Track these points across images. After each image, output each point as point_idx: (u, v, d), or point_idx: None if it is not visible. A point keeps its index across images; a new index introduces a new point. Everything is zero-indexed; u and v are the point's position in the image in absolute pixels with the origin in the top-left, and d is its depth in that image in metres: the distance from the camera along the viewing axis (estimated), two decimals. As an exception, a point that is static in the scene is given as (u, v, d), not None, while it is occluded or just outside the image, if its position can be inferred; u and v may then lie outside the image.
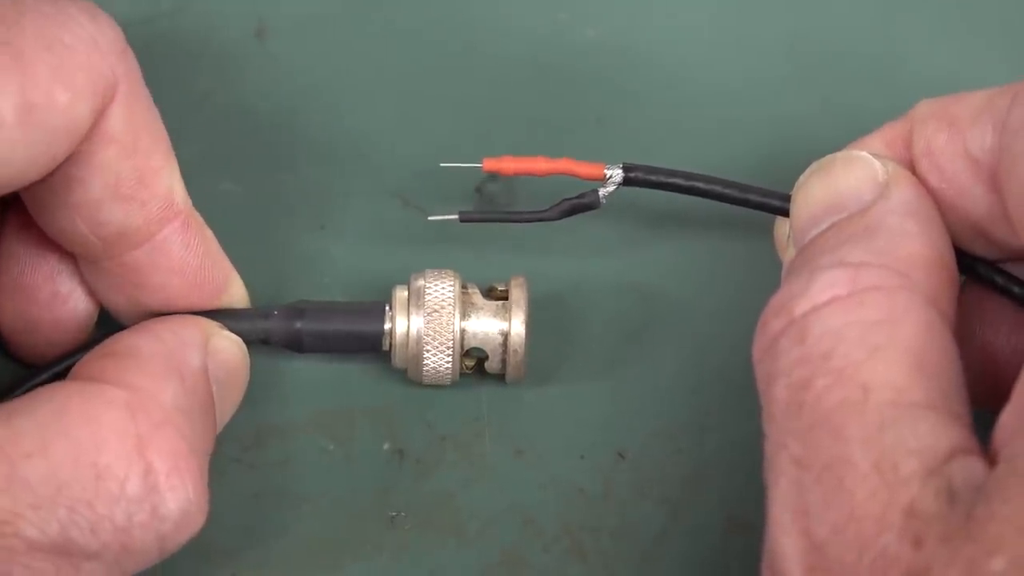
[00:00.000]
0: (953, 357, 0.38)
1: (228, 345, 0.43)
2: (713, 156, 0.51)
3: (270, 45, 0.53)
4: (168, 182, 0.42)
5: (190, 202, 0.43)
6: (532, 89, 0.52)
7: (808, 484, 0.36)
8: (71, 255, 0.44)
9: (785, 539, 0.37)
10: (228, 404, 0.43)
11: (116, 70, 0.40)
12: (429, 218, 0.47)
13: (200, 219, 0.44)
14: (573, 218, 0.46)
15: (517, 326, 0.46)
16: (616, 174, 0.46)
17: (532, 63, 0.53)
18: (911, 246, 0.40)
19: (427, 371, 0.46)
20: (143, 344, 0.41)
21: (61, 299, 0.45)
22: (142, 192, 0.42)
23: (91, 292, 0.45)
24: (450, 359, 0.46)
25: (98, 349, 0.42)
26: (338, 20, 0.53)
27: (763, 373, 0.39)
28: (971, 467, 0.36)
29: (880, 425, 0.36)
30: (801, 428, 0.37)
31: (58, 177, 0.41)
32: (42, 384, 0.43)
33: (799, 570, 0.36)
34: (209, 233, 0.44)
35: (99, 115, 0.40)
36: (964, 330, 0.40)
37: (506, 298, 0.46)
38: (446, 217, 0.47)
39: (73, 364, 0.42)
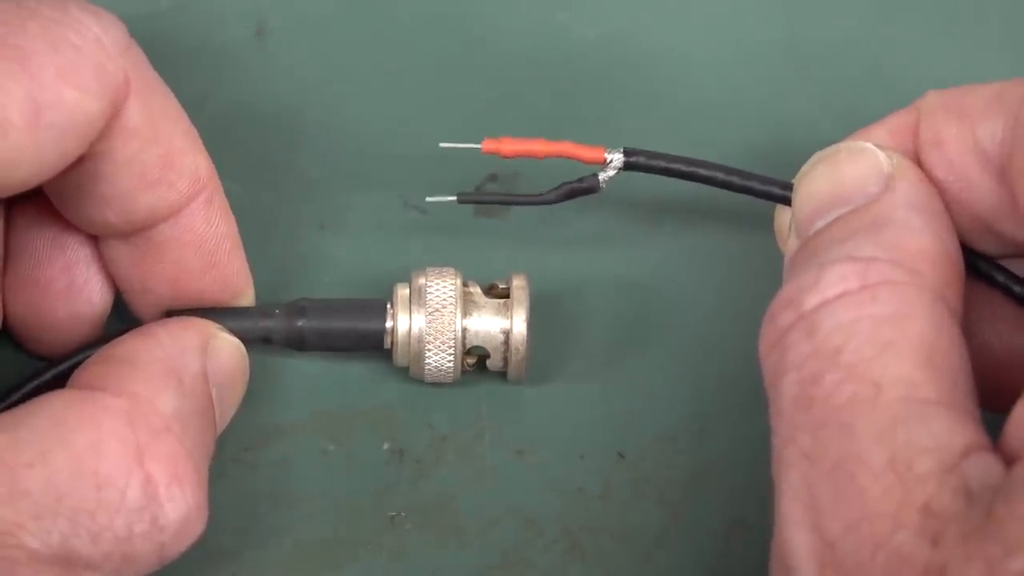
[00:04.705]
0: (962, 353, 0.38)
1: (228, 348, 0.43)
2: (712, 156, 0.51)
3: (270, 45, 0.53)
4: (193, 158, 0.43)
5: (216, 176, 0.43)
6: (532, 89, 0.52)
7: (819, 480, 0.36)
8: (88, 243, 0.45)
9: (796, 535, 0.36)
10: (228, 407, 0.43)
11: (125, 67, 0.40)
12: (427, 199, 0.47)
13: (225, 202, 0.44)
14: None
15: (519, 325, 0.46)
16: (617, 158, 0.46)
17: (532, 63, 0.53)
18: (919, 241, 0.40)
19: (429, 369, 0.46)
20: (142, 349, 0.41)
21: (76, 289, 0.45)
22: (169, 174, 0.42)
23: (107, 277, 0.45)
24: (452, 358, 0.46)
25: (97, 355, 0.42)
26: (338, 20, 0.53)
27: (771, 367, 0.39)
28: (987, 465, 0.35)
29: (893, 422, 0.36)
30: (811, 423, 0.37)
31: (85, 175, 0.41)
32: (46, 384, 0.43)
33: (811, 567, 0.36)
34: (232, 221, 0.44)
35: (115, 112, 0.40)
36: (964, 327, 0.40)
37: (507, 296, 0.46)
38: (444, 199, 0.47)
39: (79, 363, 0.42)
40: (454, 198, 0.46)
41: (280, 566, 0.45)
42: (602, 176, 0.46)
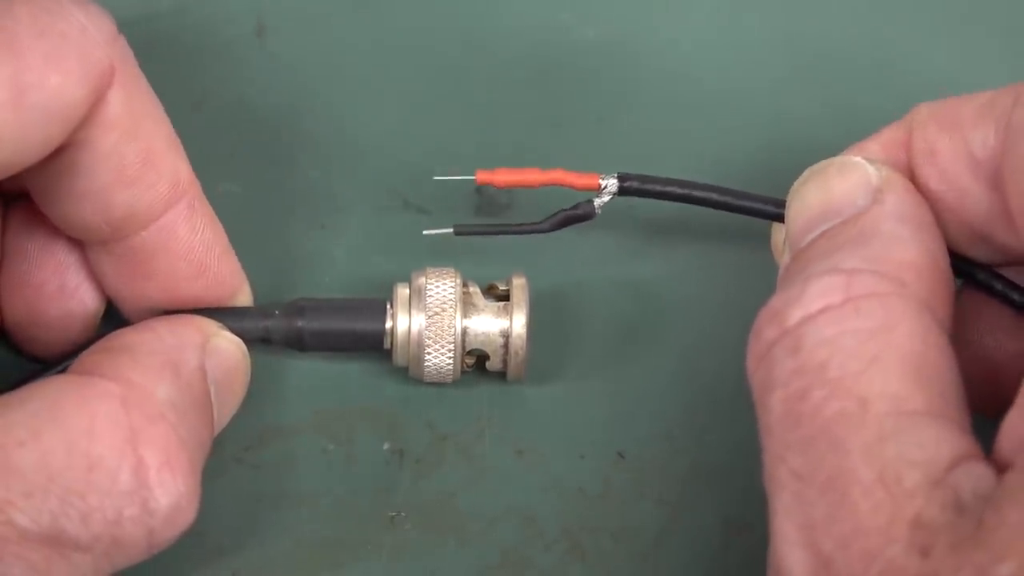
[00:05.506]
0: (950, 363, 0.38)
1: (228, 346, 0.43)
2: (712, 156, 0.51)
3: (270, 44, 0.53)
4: (173, 163, 0.42)
5: (197, 184, 0.43)
6: (532, 89, 0.52)
7: (811, 498, 0.36)
8: (78, 247, 0.45)
9: (791, 553, 0.36)
10: (227, 405, 0.43)
11: (110, 56, 0.40)
12: (424, 232, 0.47)
13: (209, 208, 0.44)
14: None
15: (518, 328, 0.46)
16: (611, 184, 0.46)
17: (532, 63, 0.53)
18: (905, 252, 0.39)
19: (428, 370, 0.46)
20: (141, 341, 0.42)
21: (69, 292, 0.45)
22: (148, 174, 0.42)
23: (98, 284, 0.45)
24: (451, 359, 0.46)
25: (96, 345, 0.42)
26: (338, 19, 0.53)
27: (758, 383, 0.39)
28: (977, 474, 0.35)
29: (880, 436, 0.36)
30: (800, 440, 0.37)
31: (64, 166, 0.41)
32: None
33: None
34: (219, 226, 0.44)
35: (97, 100, 0.40)
36: (961, 335, 0.40)
37: (507, 297, 0.46)
38: (440, 231, 0.47)
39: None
40: (450, 230, 0.47)
41: (280, 565, 0.45)
42: (597, 202, 0.46)
